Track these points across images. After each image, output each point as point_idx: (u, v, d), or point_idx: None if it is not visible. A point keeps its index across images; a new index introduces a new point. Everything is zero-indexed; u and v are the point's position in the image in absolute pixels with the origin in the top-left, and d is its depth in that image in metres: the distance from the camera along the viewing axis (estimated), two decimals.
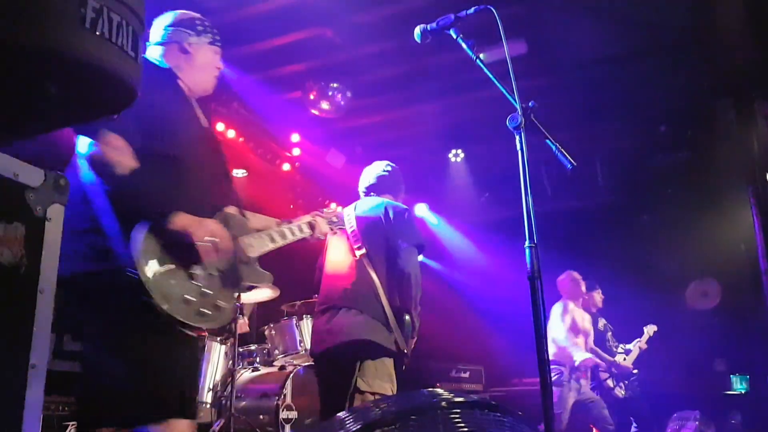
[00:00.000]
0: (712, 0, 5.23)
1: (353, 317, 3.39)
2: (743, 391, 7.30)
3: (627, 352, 6.52)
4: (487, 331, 6.48)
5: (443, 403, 1.46)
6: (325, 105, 6.53)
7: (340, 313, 3.45)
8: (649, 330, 6.67)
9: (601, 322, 6.58)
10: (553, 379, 5.67)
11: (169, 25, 2.51)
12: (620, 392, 6.25)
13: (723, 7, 5.21)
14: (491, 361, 7.08)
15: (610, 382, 6.25)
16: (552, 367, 5.73)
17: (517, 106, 2.29)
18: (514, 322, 6.30)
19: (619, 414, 6.18)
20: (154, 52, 2.49)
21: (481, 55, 2.49)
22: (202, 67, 2.53)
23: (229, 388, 4.78)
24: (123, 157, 2.05)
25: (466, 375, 7.11)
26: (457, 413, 1.43)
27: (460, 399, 1.49)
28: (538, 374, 2.15)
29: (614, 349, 6.48)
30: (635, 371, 6.41)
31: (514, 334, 6.21)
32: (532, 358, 2.15)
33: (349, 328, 3.38)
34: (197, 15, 2.59)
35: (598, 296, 6.61)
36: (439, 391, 1.62)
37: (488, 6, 2.47)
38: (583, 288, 6.16)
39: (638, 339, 6.64)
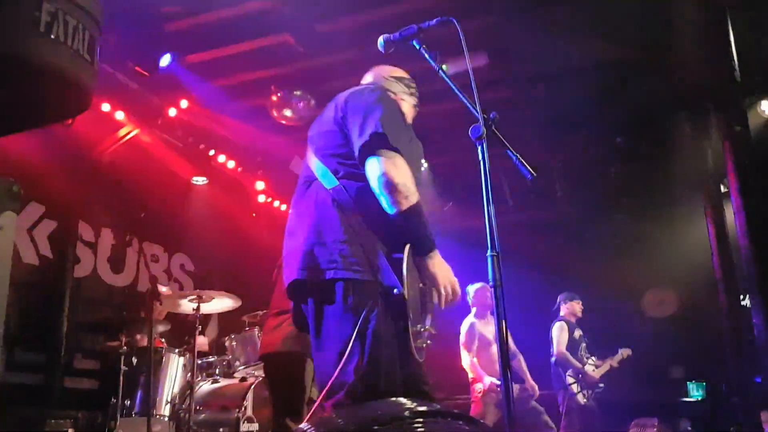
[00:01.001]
0: (668, 17, 5.37)
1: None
2: (700, 398, 7.46)
3: (598, 365, 6.71)
4: (450, 340, 6.49)
5: (406, 413, 1.45)
6: (287, 112, 6.50)
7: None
8: (624, 353, 6.94)
9: (577, 332, 6.81)
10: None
11: (392, 76, 2.79)
12: (582, 399, 6.43)
13: (678, 24, 5.35)
14: (454, 369, 7.09)
15: (574, 387, 6.45)
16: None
17: (479, 117, 2.31)
18: None
19: (582, 420, 6.35)
20: None
21: (444, 66, 2.50)
22: None
23: (187, 401, 4.69)
24: (413, 184, 2.21)
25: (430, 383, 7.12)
26: (420, 422, 1.42)
27: (423, 408, 1.48)
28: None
29: (585, 359, 6.68)
30: (601, 384, 6.61)
31: None
32: None
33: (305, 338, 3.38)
34: (410, 77, 2.85)
35: (578, 306, 6.92)
36: (402, 400, 1.62)
37: (450, 18, 2.48)
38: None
39: (611, 357, 6.87)
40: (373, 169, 2.18)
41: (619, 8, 5.31)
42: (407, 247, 2.16)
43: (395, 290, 2.09)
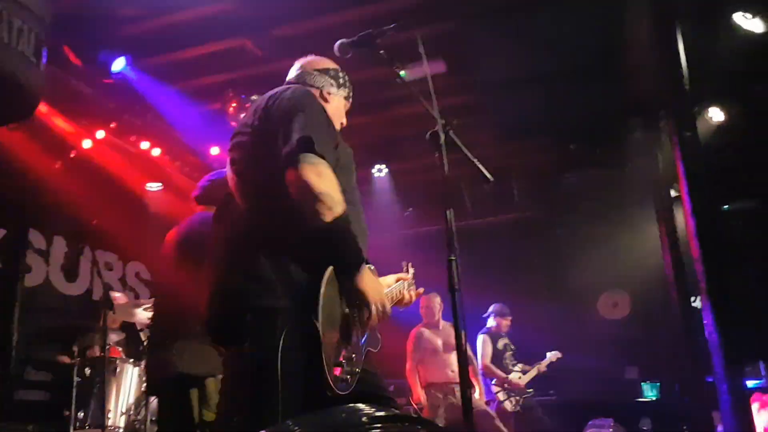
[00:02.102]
0: (621, 25, 5.49)
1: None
2: (654, 398, 7.62)
3: (524, 371, 6.87)
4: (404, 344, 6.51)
5: (364, 419, 1.44)
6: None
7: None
8: (552, 356, 7.10)
9: (501, 342, 6.94)
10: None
11: (316, 70, 2.51)
12: (509, 405, 6.60)
13: (631, 32, 5.48)
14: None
15: (500, 395, 6.63)
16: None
17: (438, 123, 2.32)
18: None
19: (517, 426, 6.47)
20: None
21: (402, 72, 2.51)
22: (332, 117, 2.44)
23: (143, 412, 4.59)
24: (338, 193, 2.01)
25: (391, 389, 7.13)
26: (378, 428, 1.42)
27: (382, 414, 1.48)
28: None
29: (510, 367, 6.83)
30: (529, 390, 6.77)
31: None
32: None
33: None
34: (339, 66, 2.57)
35: (506, 323, 7.06)
36: (360, 406, 1.61)
37: (408, 24, 2.49)
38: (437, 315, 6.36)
39: (539, 362, 7.02)
40: (294, 178, 1.99)
41: (573, 18, 5.42)
42: (329, 269, 1.97)
43: (310, 319, 1.90)
